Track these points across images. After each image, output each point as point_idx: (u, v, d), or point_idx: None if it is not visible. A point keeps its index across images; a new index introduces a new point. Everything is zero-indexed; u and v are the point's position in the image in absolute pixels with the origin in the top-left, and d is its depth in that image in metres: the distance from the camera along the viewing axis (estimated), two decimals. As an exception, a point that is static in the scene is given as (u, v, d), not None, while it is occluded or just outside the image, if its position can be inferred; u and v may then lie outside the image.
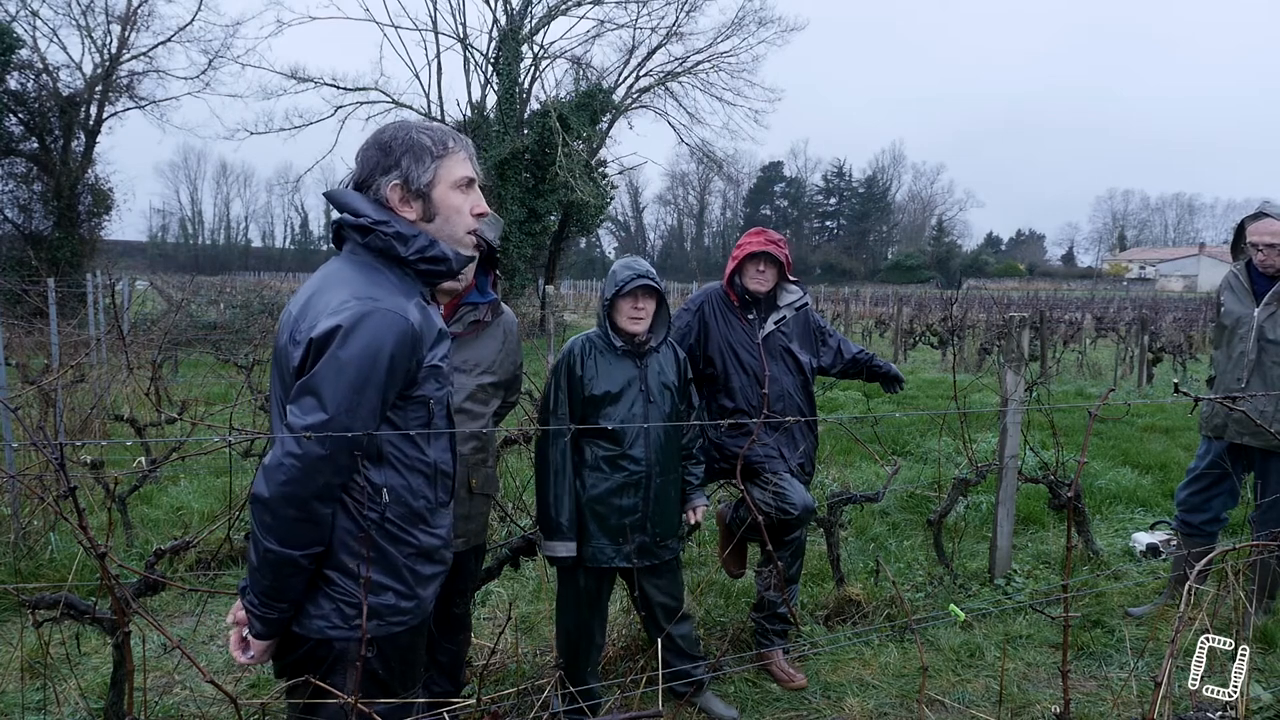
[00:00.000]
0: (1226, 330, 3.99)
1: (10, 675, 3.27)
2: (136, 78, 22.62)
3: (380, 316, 1.66)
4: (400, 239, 1.76)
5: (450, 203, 1.82)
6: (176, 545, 2.94)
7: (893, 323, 18.49)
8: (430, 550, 1.83)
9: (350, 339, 1.63)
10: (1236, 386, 3.84)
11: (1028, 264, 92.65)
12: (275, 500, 1.62)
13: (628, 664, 3.48)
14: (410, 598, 1.79)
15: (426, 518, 1.81)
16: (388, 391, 1.68)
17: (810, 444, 3.69)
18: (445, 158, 1.81)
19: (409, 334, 1.69)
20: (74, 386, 6.96)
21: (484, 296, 2.72)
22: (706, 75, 30.18)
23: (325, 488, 1.64)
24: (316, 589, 1.73)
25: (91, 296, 12.87)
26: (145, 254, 70.44)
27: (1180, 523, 4.18)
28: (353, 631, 1.72)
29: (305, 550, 1.66)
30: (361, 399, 1.64)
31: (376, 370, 1.64)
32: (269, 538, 1.64)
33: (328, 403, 1.62)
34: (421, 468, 1.79)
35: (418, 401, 1.76)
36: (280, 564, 1.65)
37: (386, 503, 1.73)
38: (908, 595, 4.36)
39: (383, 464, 1.74)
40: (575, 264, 66.41)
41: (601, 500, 2.97)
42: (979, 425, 8.50)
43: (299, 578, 1.69)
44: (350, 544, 1.72)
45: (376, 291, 1.70)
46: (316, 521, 1.66)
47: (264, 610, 1.71)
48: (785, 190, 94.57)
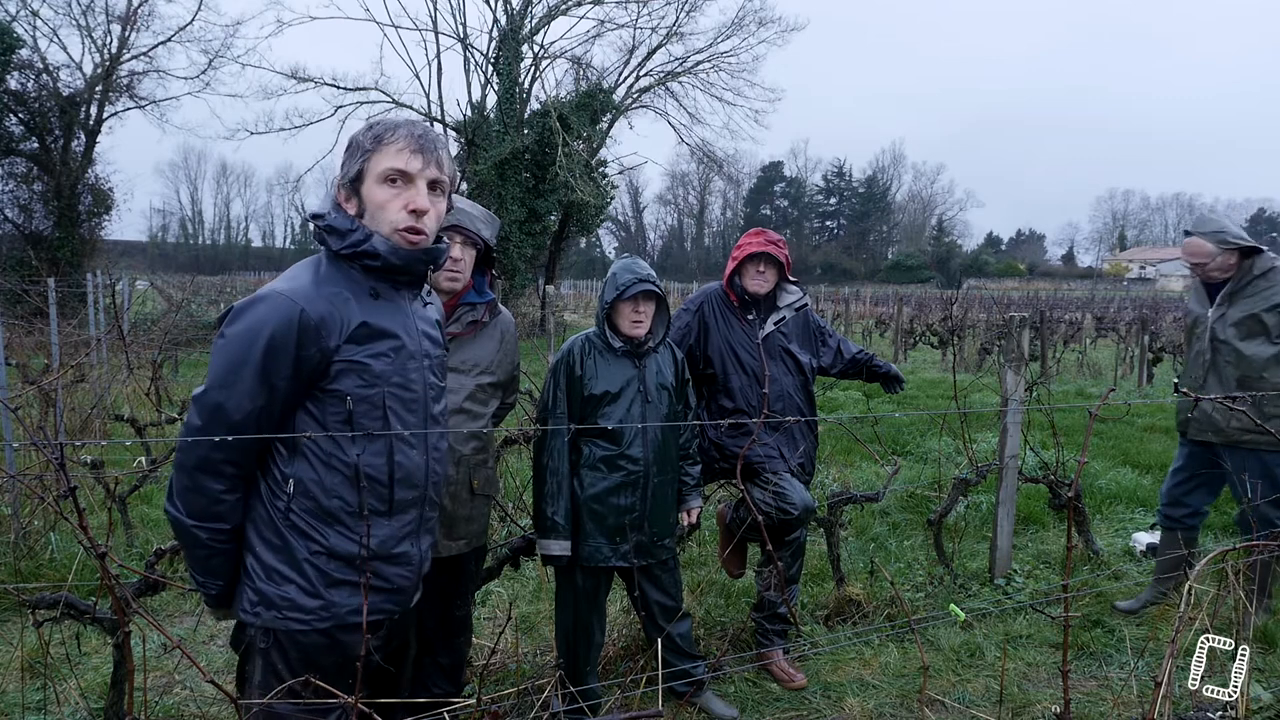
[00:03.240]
0: (1188, 331, 4.12)
1: (10, 675, 3.27)
2: (136, 78, 22.67)
3: (270, 301, 1.70)
4: (333, 233, 1.78)
5: (373, 197, 1.79)
6: (176, 545, 2.94)
7: (893, 323, 18.48)
8: (345, 555, 1.76)
9: (236, 320, 1.70)
10: (1195, 385, 3.95)
11: (1028, 264, 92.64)
12: (176, 466, 1.71)
13: (628, 664, 3.48)
14: (314, 596, 1.74)
15: (344, 520, 1.76)
16: (269, 375, 1.68)
17: (810, 444, 3.69)
18: (375, 152, 1.78)
19: (295, 320, 1.68)
20: (74, 386, 6.96)
21: (481, 296, 2.72)
22: (706, 75, 30.24)
23: (204, 460, 1.68)
24: (241, 572, 1.79)
25: (91, 296, 12.86)
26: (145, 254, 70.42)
27: (1162, 517, 4.27)
28: (254, 618, 1.76)
29: (199, 522, 1.71)
30: (236, 377, 1.67)
31: (253, 351, 1.67)
32: (172, 501, 1.73)
33: (209, 376, 1.70)
34: (339, 466, 1.75)
35: (334, 396, 1.74)
36: (178, 529, 1.73)
37: (291, 494, 1.74)
38: (908, 595, 4.36)
39: (296, 455, 1.74)
40: (575, 264, 66.45)
41: (599, 499, 2.97)
42: (979, 425, 8.50)
43: (201, 552, 1.74)
44: (261, 529, 1.76)
45: (293, 282, 1.75)
46: (202, 493, 1.70)
47: (193, 580, 1.79)
48: (785, 190, 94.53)
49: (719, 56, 30.21)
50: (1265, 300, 3.72)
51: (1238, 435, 3.78)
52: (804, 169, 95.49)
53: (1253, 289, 3.77)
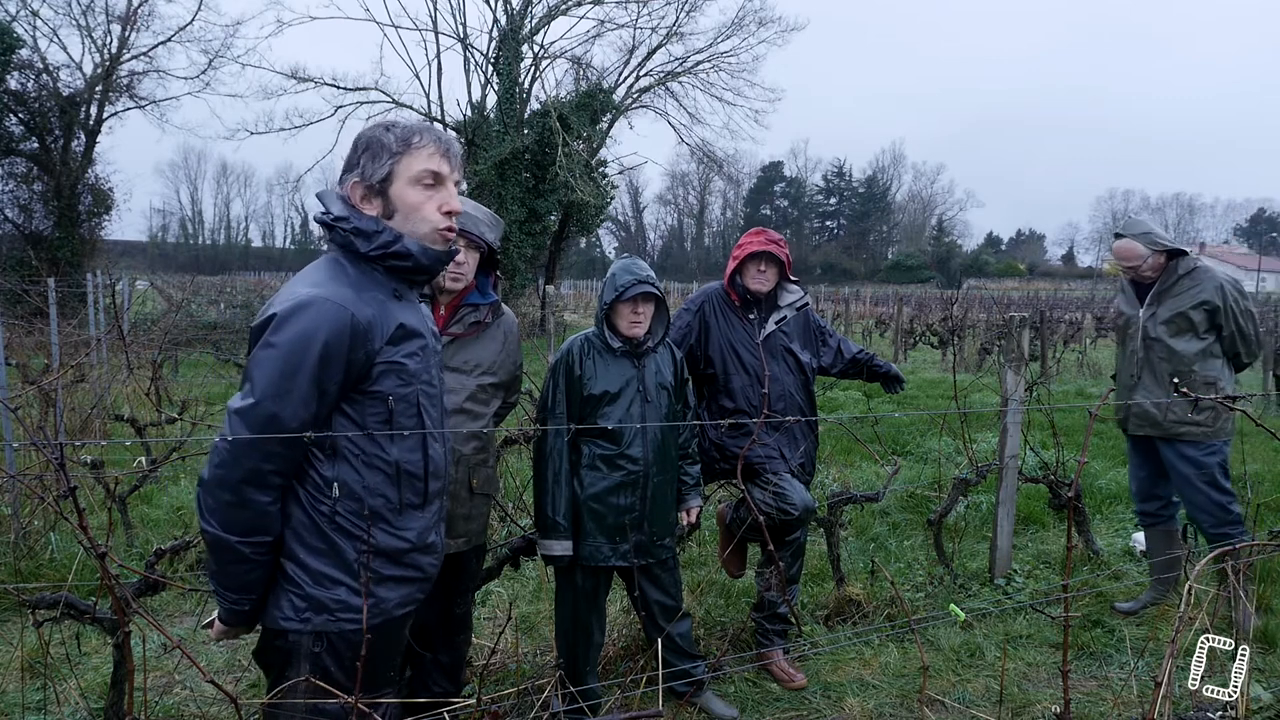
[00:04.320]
0: (1121, 331, 4.26)
1: (10, 675, 3.27)
2: (136, 78, 22.69)
3: (317, 307, 1.67)
4: (360, 235, 1.77)
5: (407, 199, 1.81)
6: (176, 545, 2.94)
7: (893, 323, 18.49)
8: (391, 551, 1.80)
9: (283, 327, 1.66)
10: (1130, 382, 4.11)
11: (1028, 264, 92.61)
12: (211, 483, 1.65)
13: (628, 664, 3.48)
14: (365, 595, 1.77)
15: (387, 518, 1.79)
16: (323, 381, 1.67)
17: (811, 444, 3.69)
18: (404, 154, 1.80)
19: (347, 325, 1.68)
20: (74, 386, 6.96)
21: (484, 298, 2.72)
22: (706, 75, 30.26)
23: (254, 473, 1.64)
24: (274, 580, 1.75)
25: (91, 296, 12.86)
26: (145, 254, 70.40)
27: (1140, 516, 4.37)
28: (303, 624, 1.73)
29: (244, 537, 1.67)
30: (290, 385, 1.64)
31: (307, 358, 1.65)
32: (209, 520, 1.67)
33: (256, 386, 1.65)
34: (380, 465, 1.77)
35: (375, 397, 1.75)
36: (219, 548, 1.67)
37: (337, 497, 1.73)
38: (908, 595, 4.36)
39: (337, 458, 1.74)
40: (575, 264, 66.43)
41: (599, 499, 2.97)
42: (979, 425, 8.50)
43: (243, 567, 1.70)
44: (303, 535, 1.73)
45: (327, 285, 1.72)
46: (250, 507, 1.66)
47: (220, 598, 1.74)
48: (785, 190, 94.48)
49: (719, 56, 30.24)
50: (1191, 298, 3.90)
51: (1174, 428, 3.93)
52: (804, 169, 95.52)
53: (1179, 288, 3.95)
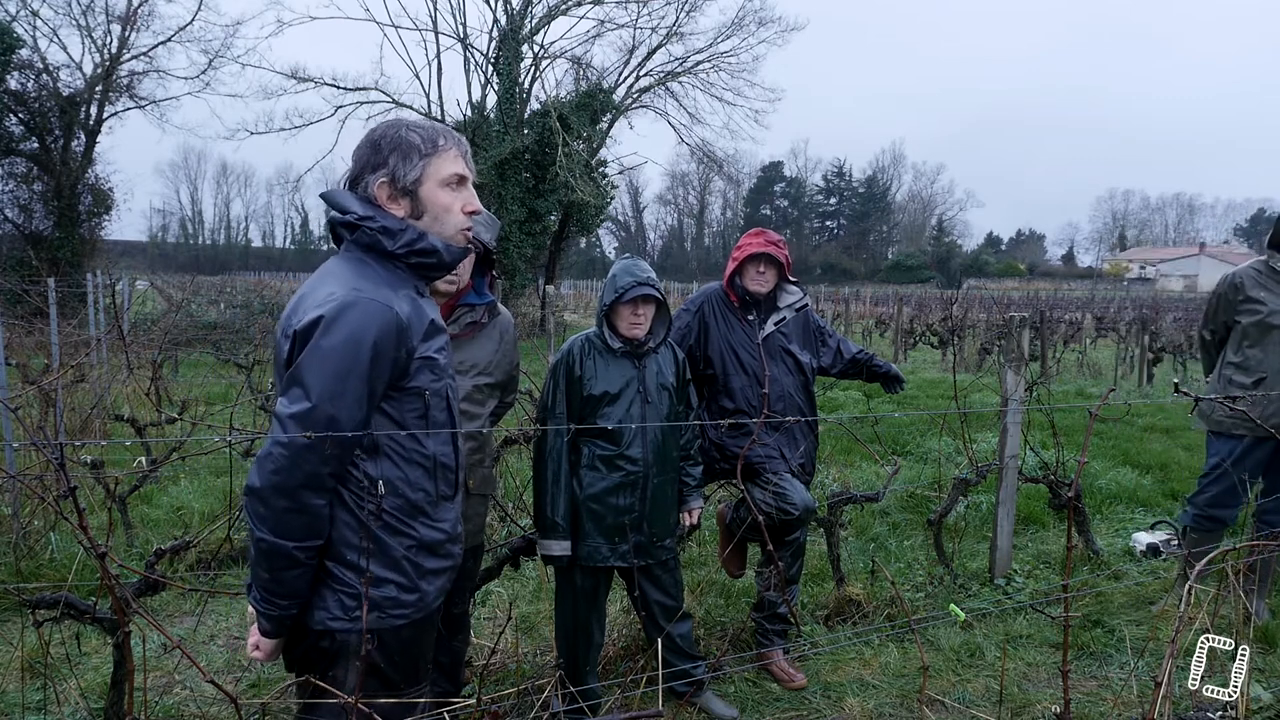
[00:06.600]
0: (1272, 329, 3.79)
1: (10, 675, 3.27)
2: (136, 78, 22.65)
3: (363, 307, 1.68)
4: (387, 233, 1.78)
5: (439, 200, 1.84)
6: (177, 545, 2.94)
7: (893, 323, 18.48)
8: (432, 543, 1.83)
9: (332, 328, 1.65)
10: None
11: (1028, 264, 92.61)
12: (266, 490, 1.64)
13: (628, 664, 3.48)
14: (412, 590, 1.79)
15: (427, 510, 1.82)
16: (374, 381, 1.69)
17: (811, 444, 3.69)
18: (434, 155, 1.82)
19: (394, 323, 1.70)
20: (74, 386, 6.96)
21: (481, 298, 2.72)
22: (706, 75, 30.20)
23: (312, 476, 1.65)
24: (319, 581, 1.74)
25: (91, 296, 12.85)
26: (145, 254, 70.41)
27: (1203, 519, 4.04)
28: (353, 624, 1.73)
29: (299, 543, 1.66)
30: (345, 387, 1.65)
31: (359, 359, 1.66)
32: (262, 528, 1.65)
33: (311, 391, 1.64)
34: (420, 460, 1.80)
35: (412, 393, 1.77)
36: (274, 555, 1.66)
37: (383, 495, 1.74)
38: (908, 595, 4.36)
39: (379, 456, 1.75)
40: (575, 264, 66.42)
41: (598, 499, 2.97)
42: (979, 425, 8.50)
43: (296, 572, 1.69)
44: (349, 536, 1.73)
45: (363, 284, 1.72)
46: (308, 511, 1.66)
47: (266, 606, 1.72)
48: (785, 190, 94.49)
49: (719, 56, 30.19)
50: None
51: None
52: (804, 169, 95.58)
53: None
